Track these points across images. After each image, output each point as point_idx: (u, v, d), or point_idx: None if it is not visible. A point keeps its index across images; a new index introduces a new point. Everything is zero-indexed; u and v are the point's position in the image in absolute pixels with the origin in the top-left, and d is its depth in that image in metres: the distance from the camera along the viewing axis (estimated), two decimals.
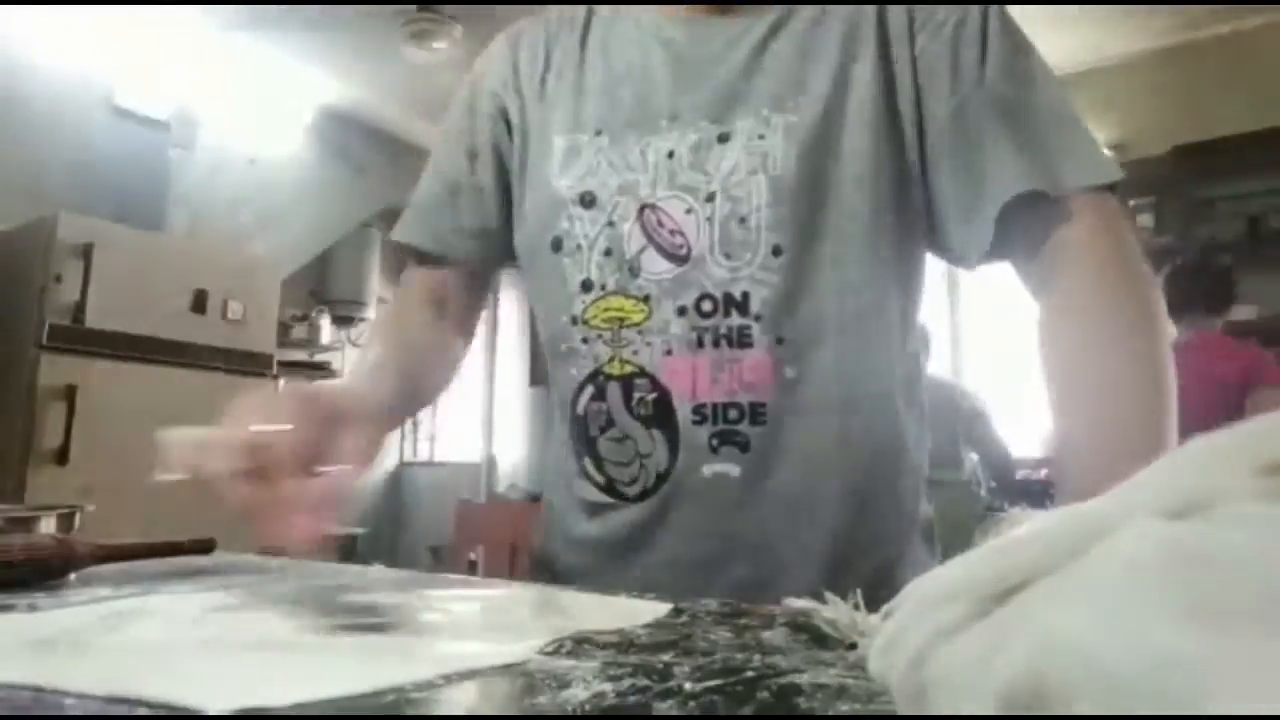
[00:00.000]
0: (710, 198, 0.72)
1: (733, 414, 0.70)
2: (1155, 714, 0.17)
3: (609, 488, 0.76)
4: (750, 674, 0.36)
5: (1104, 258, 0.67)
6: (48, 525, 0.75)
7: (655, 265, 0.73)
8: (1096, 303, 0.66)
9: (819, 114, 0.71)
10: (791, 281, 0.70)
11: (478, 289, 0.92)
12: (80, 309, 2.81)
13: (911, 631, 0.25)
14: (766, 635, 0.45)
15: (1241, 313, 3.42)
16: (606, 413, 0.75)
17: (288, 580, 0.65)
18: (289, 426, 0.55)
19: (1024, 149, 0.68)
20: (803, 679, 0.35)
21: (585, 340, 0.76)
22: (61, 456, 2.72)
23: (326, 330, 4.82)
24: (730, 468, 0.70)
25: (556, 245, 0.77)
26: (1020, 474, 3.12)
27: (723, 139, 0.73)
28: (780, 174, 0.70)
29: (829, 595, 0.48)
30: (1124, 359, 0.63)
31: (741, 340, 0.70)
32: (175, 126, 3.79)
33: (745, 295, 0.70)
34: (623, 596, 0.59)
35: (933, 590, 0.25)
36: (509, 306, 5.50)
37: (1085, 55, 3.86)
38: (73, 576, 0.64)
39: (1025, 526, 0.24)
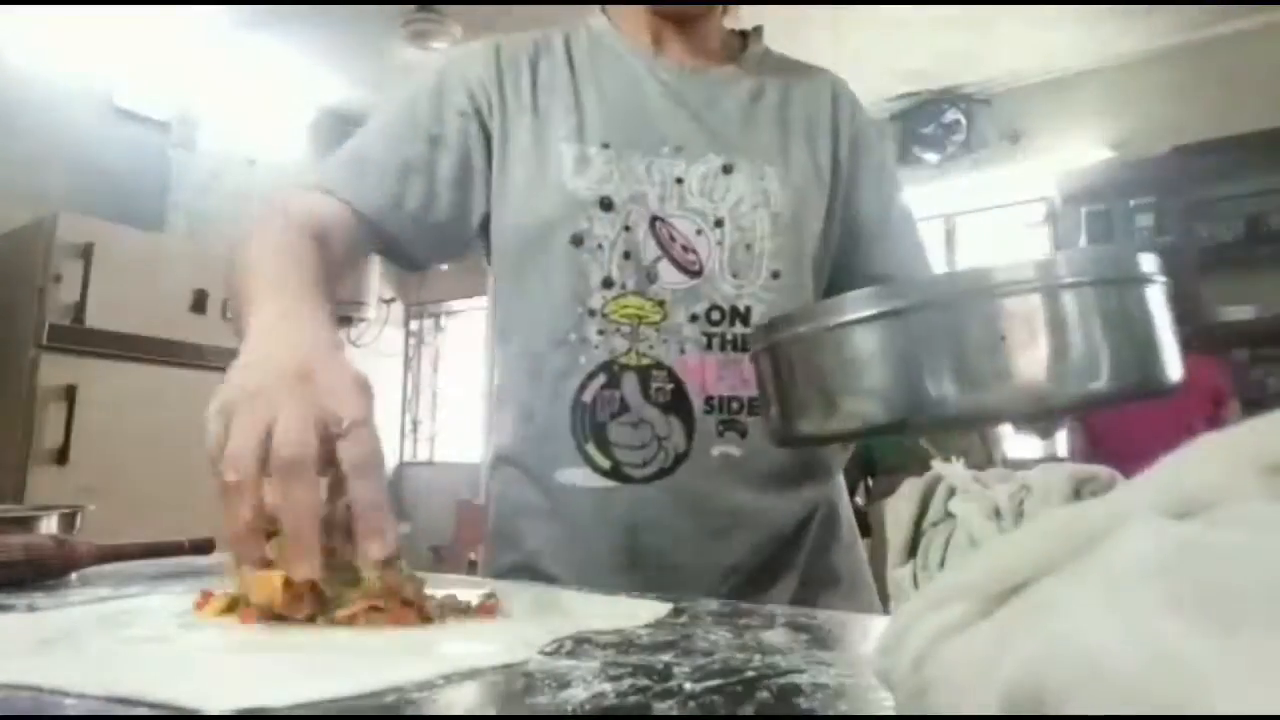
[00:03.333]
0: (719, 223, 0.84)
1: (735, 405, 0.83)
2: (1157, 714, 0.17)
3: (613, 470, 0.81)
4: (750, 674, 0.36)
5: None
6: (48, 525, 0.75)
7: (670, 275, 0.83)
8: None
9: (799, 174, 0.89)
10: (785, 300, 0.85)
11: (363, 252, 0.88)
12: (80, 309, 2.81)
13: (913, 631, 0.25)
14: (766, 635, 0.45)
15: (1241, 313, 3.42)
16: (620, 399, 0.81)
17: None
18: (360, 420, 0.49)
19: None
20: (803, 679, 0.35)
21: (601, 332, 0.82)
22: (61, 456, 2.72)
23: None
24: (733, 449, 0.82)
25: (577, 241, 0.83)
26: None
27: (727, 170, 0.86)
28: (779, 211, 0.86)
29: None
30: None
31: (744, 346, 0.83)
32: (175, 127, 3.79)
33: (748, 309, 0.84)
34: (622, 596, 0.59)
35: (935, 590, 0.25)
36: None
37: (1085, 55, 3.86)
38: (73, 576, 0.64)
39: (1028, 526, 0.24)
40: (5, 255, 2.97)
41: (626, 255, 0.83)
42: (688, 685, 0.34)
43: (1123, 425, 2.57)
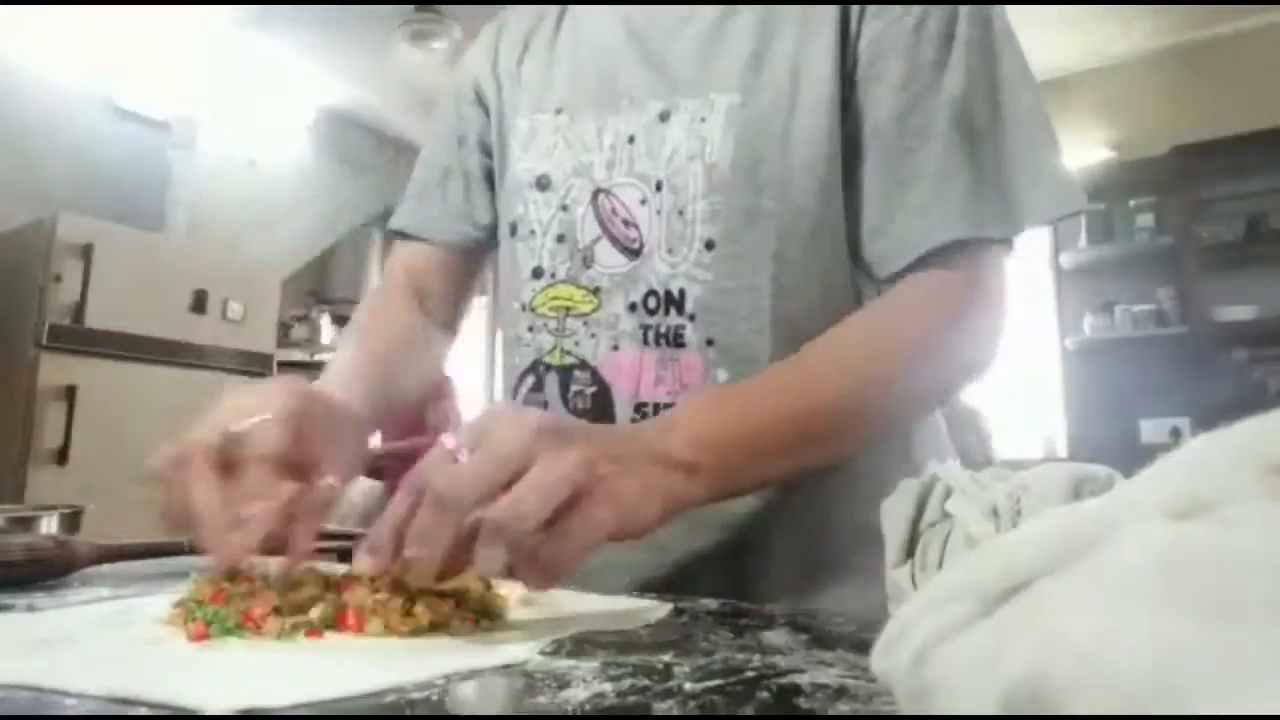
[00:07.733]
0: (659, 186, 0.69)
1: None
2: (1157, 714, 0.17)
3: None
4: (750, 674, 0.36)
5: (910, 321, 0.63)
6: (48, 525, 0.75)
7: (608, 258, 0.70)
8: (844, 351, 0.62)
9: (769, 97, 0.67)
10: (724, 279, 0.66)
11: (462, 279, 0.89)
12: (80, 309, 2.81)
13: (914, 630, 0.25)
14: (766, 635, 0.45)
15: (1242, 313, 3.42)
16: (544, 404, 0.72)
17: None
18: (270, 418, 0.53)
19: (950, 191, 0.63)
20: (803, 679, 0.35)
21: (531, 328, 0.74)
22: (61, 456, 2.71)
23: (326, 330, 4.81)
24: None
25: (513, 230, 0.77)
26: None
27: (664, 117, 0.70)
28: (715, 161, 0.66)
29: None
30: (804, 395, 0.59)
31: (677, 340, 0.67)
32: (175, 127, 3.79)
33: (681, 293, 0.67)
34: (623, 596, 0.59)
35: (936, 589, 0.25)
36: None
37: (1085, 55, 3.86)
38: (73, 576, 0.64)
39: (1028, 525, 0.24)
40: (5, 255, 2.97)
41: (560, 239, 0.73)
42: (688, 685, 0.34)
43: None
